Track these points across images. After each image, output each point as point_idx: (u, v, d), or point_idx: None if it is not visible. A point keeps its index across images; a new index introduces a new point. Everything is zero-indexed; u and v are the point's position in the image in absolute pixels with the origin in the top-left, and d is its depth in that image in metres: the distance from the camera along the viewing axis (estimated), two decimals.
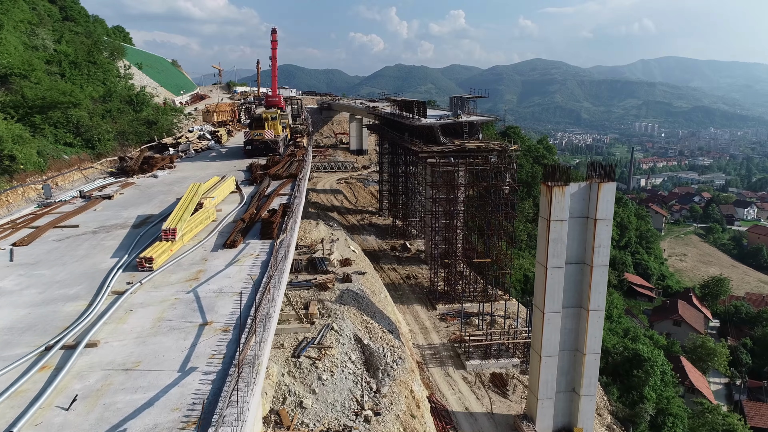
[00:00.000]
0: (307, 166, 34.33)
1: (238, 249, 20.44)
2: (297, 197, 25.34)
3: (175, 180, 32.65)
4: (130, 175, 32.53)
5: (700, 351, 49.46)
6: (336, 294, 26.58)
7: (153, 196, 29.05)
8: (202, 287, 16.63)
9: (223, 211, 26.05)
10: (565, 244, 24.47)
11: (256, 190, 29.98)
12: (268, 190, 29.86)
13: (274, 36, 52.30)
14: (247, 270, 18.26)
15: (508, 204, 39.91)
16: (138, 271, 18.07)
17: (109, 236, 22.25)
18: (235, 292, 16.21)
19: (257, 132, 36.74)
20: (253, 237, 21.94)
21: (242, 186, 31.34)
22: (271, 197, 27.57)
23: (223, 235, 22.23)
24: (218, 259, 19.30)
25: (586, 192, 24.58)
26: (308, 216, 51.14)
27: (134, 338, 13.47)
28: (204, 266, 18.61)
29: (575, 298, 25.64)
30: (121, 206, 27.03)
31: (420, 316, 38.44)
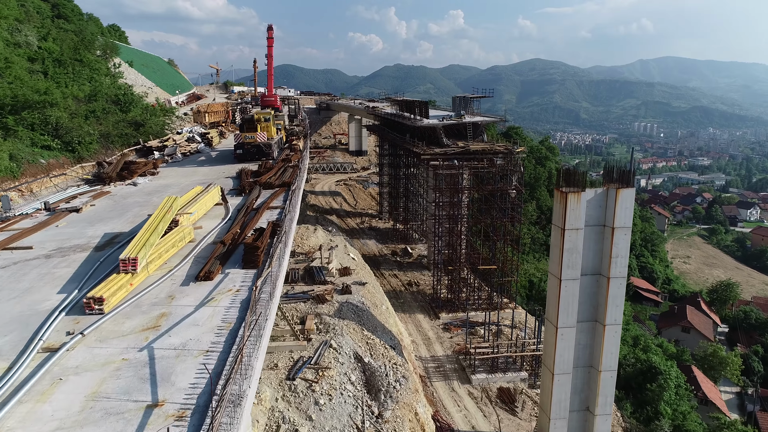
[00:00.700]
0: (302, 174, 31.13)
1: (214, 282, 16.88)
2: (289, 212, 22.27)
3: (155, 189, 29.51)
4: (106, 183, 29.41)
5: (711, 360, 47.93)
6: (335, 307, 24.92)
7: (127, 208, 25.86)
8: (160, 341, 13.04)
9: (203, 228, 22.81)
10: (580, 255, 22.82)
11: (243, 201, 26.56)
12: (257, 201, 26.56)
13: (269, 33, 50.42)
14: (222, 313, 14.67)
15: (514, 208, 38.28)
16: (86, 314, 14.40)
17: (64, 262, 18.70)
18: (201, 349, 12.57)
19: (249, 135, 33.91)
20: (235, 264, 18.38)
21: (230, 196, 28.13)
22: (260, 211, 24.46)
23: (199, 261, 18.69)
24: (188, 296, 15.77)
25: (603, 199, 22.93)
26: (306, 220, 49.42)
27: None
28: (169, 307, 15.03)
29: (590, 311, 23.99)
30: (88, 221, 23.73)
31: (423, 326, 36.78)
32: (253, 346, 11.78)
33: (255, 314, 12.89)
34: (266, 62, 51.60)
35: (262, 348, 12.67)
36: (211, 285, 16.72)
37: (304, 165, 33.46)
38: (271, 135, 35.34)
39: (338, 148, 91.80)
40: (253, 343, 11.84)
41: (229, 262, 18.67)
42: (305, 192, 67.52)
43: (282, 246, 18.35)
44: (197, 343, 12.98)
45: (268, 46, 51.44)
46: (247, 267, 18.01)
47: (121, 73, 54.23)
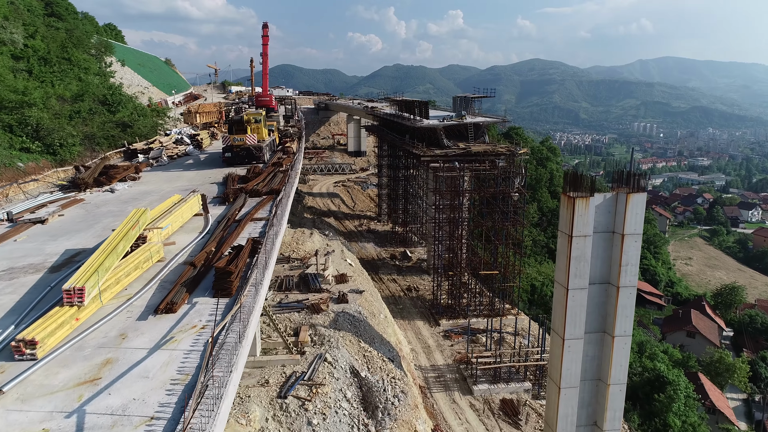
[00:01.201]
0: (292, 180, 28.58)
1: (177, 315, 14.07)
2: (273, 225, 19.65)
3: (133, 196, 27.06)
4: (82, 189, 26.81)
5: (718, 366, 46.87)
6: (330, 317, 23.76)
7: (98, 218, 22.95)
8: (97, 402, 10.19)
9: (177, 244, 20.03)
10: (588, 263, 21.68)
11: (226, 211, 23.84)
12: (241, 211, 23.93)
13: (265, 31, 49.13)
14: (180, 360, 11.74)
15: (516, 211, 37.17)
16: (15, 360, 11.55)
17: (10, 287, 15.74)
18: (145, 415, 9.79)
19: (238, 137, 31.55)
20: (205, 292, 15.49)
21: (212, 205, 25.34)
22: (242, 223, 21.75)
23: (165, 286, 15.94)
24: (143, 335, 12.98)
25: (612, 204, 21.80)
26: (303, 224, 48.25)
27: None
28: (117, 351, 12.17)
29: (599, 322, 22.86)
30: (51, 235, 20.87)
31: (422, 333, 35.64)
32: (211, 411, 9.07)
33: (217, 366, 10.36)
34: (261, 61, 50.28)
35: (221, 417, 9.68)
36: (172, 319, 13.89)
37: (295, 169, 31.26)
38: (262, 137, 33.28)
39: (337, 149, 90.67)
40: (209, 410, 9.07)
41: (198, 288, 15.88)
42: (302, 194, 66.38)
43: (261, 270, 15.75)
44: (141, 405, 10.11)
45: (263, 44, 50.20)
46: (218, 295, 15.18)
47: (113, 72, 52.87)
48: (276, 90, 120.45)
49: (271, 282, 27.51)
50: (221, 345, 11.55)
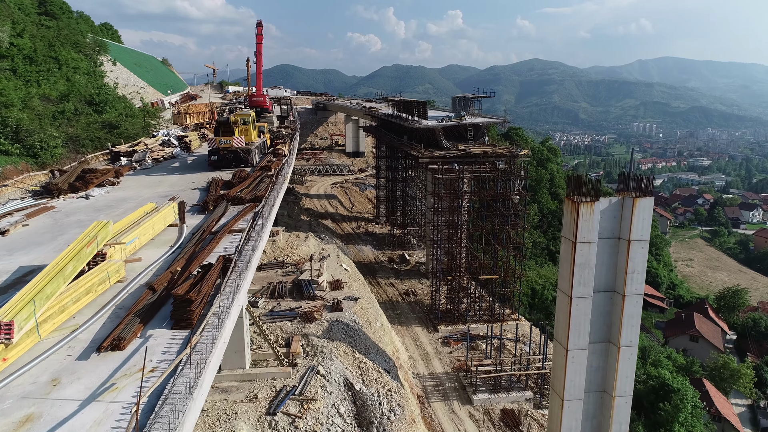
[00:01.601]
0: (279, 186, 26.49)
1: (125, 353, 11.95)
2: (251, 240, 17.66)
3: (108, 203, 25.01)
4: (55, 196, 24.86)
5: (722, 372, 45.99)
6: (324, 326, 22.80)
7: (65, 229, 20.65)
8: None
9: (143, 260, 17.99)
10: (593, 270, 20.77)
11: (204, 221, 21.70)
12: (220, 221, 21.72)
13: (259, 29, 48.12)
14: (116, 416, 9.69)
15: (517, 214, 36.28)
16: None
17: None
18: None
19: (224, 139, 29.94)
20: (163, 321, 13.43)
21: (191, 214, 23.27)
22: (218, 236, 19.52)
23: (121, 313, 13.89)
24: (79, 380, 10.88)
25: (618, 209, 20.89)
26: (299, 226, 47.28)
27: None
28: (43, 404, 10.06)
29: (603, 331, 21.95)
30: (9, 249, 18.78)
31: (420, 339, 34.70)
32: None
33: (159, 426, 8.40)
34: (255, 60, 49.20)
35: None
36: (118, 359, 11.64)
37: (284, 174, 29.20)
38: (251, 139, 31.65)
39: (335, 150, 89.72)
40: None
41: (157, 317, 13.62)
42: (299, 195, 65.37)
43: (229, 296, 13.58)
44: None
45: (257, 43, 49.19)
46: (177, 326, 12.94)
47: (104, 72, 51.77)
48: (273, 90, 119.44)
49: (263, 288, 26.57)
50: (167, 397, 9.65)
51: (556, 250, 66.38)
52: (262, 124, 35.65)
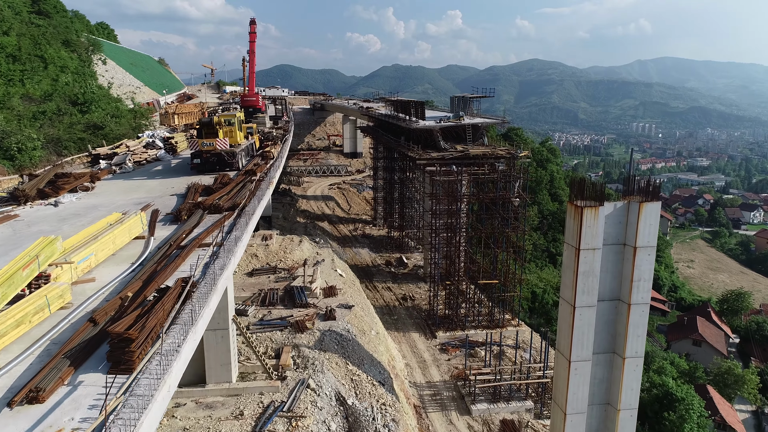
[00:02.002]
0: (263, 192, 24.43)
1: (44, 407, 9.54)
2: (220, 257, 15.59)
3: (77, 211, 22.87)
4: (21, 202, 22.92)
5: (726, 377, 45.10)
6: (316, 336, 21.83)
7: (21, 242, 17.86)
8: None
9: (99, 280, 15.61)
10: (597, 278, 19.82)
11: (174, 233, 19.23)
12: (192, 233, 19.32)
13: (252, 28, 47.07)
14: None
15: (517, 217, 35.35)
16: None
17: None
18: None
19: (207, 141, 28.21)
20: (100, 363, 10.84)
21: (162, 225, 20.95)
22: (185, 252, 16.84)
23: (54, 351, 11.34)
24: None
25: (624, 214, 19.93)
26: (294, 229, 46.31)
27: None
28: None
29: (608, 341, 20.99)
30: None
31: (418, 346, 33.73)
32: None
33: None
34: (248, 59, 48.13)
35: None
36: (33, 416, 9.24)
37: (269, 179, 27.00)
38: (237, 141, 29.73)
39: (332, 150, 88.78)
40: None
41: (95, 356, 11.12)
42: (296, 197, 64.40)
43: (182, 333, 11.12)
44: None
45: (250, 41, 48.14)
46: (114, 370, 10.37)
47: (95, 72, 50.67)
48: (270, 90, 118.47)
49: (254, 296, 25.60)
50: None
51: (557, 252, 65.49)
52: (250, 125, 34.05)
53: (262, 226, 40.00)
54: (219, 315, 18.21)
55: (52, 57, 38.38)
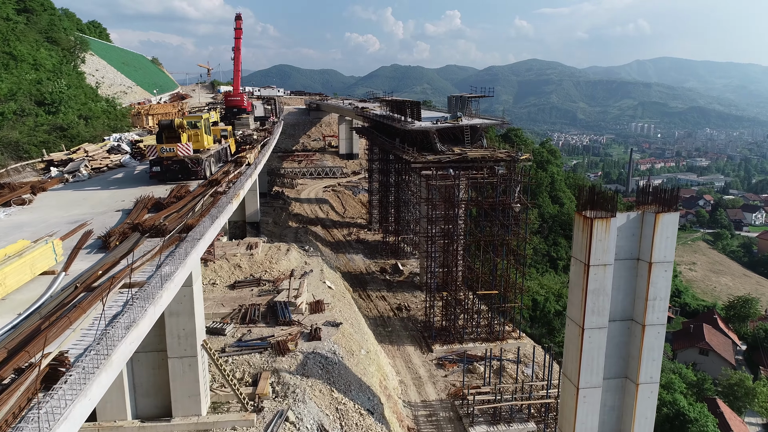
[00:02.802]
0: (222, 207, 19.76)
1: None
2: (135, 305, 11.29)
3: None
4: None
5: (736, 390, 43.30)
6: (298, 360, 19.86)
7: None
8: None
9: None
10: (609, 297, 17.92)
11: (93, 267, 14.22)
12: (116, 266, 14.18)
13: (238, 23, 44.96)
14: None
15: (518, 224, 33.45)
16: None
17: None
18: None
19: (167, 146, 24.46)
20: None
21: (87, 253, 15.72)
22: (93, 296, 11.95)
23: None
24: None
25: (637, 225, 18.05)
26: (284, 235, 44.32)
27: None
28: None
29: (619, 366, 19.11)
30: None
31: (413, 361, 31.78)
32: None
33: None
34: (233, 56, 46.13)
35: None
36: None
37: (235, 190, 22.21)
38: (203, 145, 26.18)
39: (328, 151, 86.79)
40: None
41: None
42: (289, 200, 62.31)
43: None
44: None
45: (235, 38, 46.10)
46: None
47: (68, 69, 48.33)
48: (265, 90, 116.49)
49: (233, 312, 23.63)
50: None
51: (558, 256, 63.62)
52: (225, 128, 31.36)
53: (249, 233, 38.03)
54: (186, 341, 16.28)
55: (22, 54, 36.23)
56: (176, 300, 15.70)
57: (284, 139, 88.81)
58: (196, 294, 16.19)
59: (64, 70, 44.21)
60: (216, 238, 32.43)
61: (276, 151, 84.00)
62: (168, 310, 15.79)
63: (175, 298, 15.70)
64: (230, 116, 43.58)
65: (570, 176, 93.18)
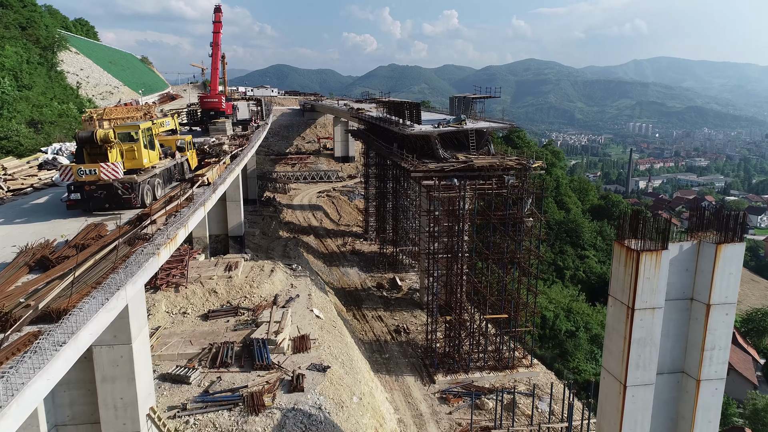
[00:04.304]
0: (123, 278, 11.89)
1: None
2: None
3: None
4: None
5: (764, 415, 40.14)
6: (275, 420, 16.36)
7: None
8: None
9: None
10: (657, 347, 14.51)
11: None
12: None
13: (217, 16, 41.11)
14: None
15: (530, 239, 30.09)
16: None
17: None
18: None
19: (87, 168, 17.79)
20: None
21: None
22: None
23: None
24: None
25: (692, 258, 14.65)
26: (272, 248, 40.73)
27: None
28: None
29: (666, 428, 15.70)
30: None
31: (413, 394, 28.29)
32: None
33: None
34: (210, 52, 42.26)
35: None
36: None
37: (169, 234, 15.39)
38: (141, 163, 19.62)
39: (323, 154, 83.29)
40: None
41: None
42: (280, 207, 58.72)
43: None
44: None
45: (214, 32, 42.25)
46: None
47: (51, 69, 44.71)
48: (259, 90, 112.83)
49: (203, 352, 20.10)
50: None
51: (564, 266, 60.29)
52: (183, 137, 26.29)
53: (232, 247, 34.43)
54: (125, 412, 12.74)
55: None
56: (111, 362, 12.20)
57: (277, 141, 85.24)
58: (138, 353, 12.66)
59: (35, 69, 40.32)
60: (191, 256, 28.81)
61: (268, 154, 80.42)
62: (101, 374, 12.28)
63: (110, 360, 12.23)
64: (208, 120, 39.36)
65: (575, 179, 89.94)
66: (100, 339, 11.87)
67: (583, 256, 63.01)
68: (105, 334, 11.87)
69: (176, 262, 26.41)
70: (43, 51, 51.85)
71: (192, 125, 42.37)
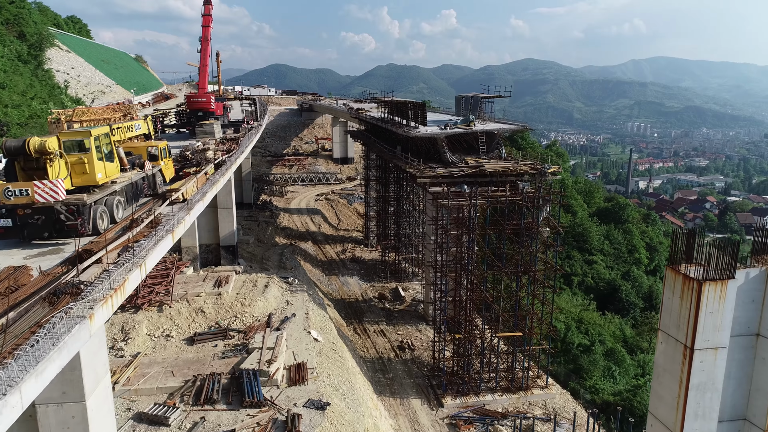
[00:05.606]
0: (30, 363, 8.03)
1: None
2: None
3: None
4: None
5: None
6: None
7: None
8: None
9: None
10: (719, 393, 12.29)
11: None
12: None
13: (207, 8, 38.49)
14: None
15: (546, 251, 27.88)
16: None
17: None
18: None
19: (16, 189, 14.22)
20: None
21: None
22: None
23: None
24: None
25: (759, 287, 12.43)
26: (267, 257, 38.35)
27: None
28: None
29: None
30: None
31: (420, 420, 26.01)
32: None
33: None
34: (199, 48, 39.68)
35: None
36: None
37: (118, 277, 11.53)
38: (94, 179, 16.06)
39: (321, 155, 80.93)
40: None
41: None
42: (277, 211, 56.30)
43: None
44: None
45: (203, 25, 39.64)
46: None
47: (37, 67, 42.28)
48: (256, 89, 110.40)
49: (185, 384, 17.75)
50: None
51: (572, 272, 58.03)
52: (155, 145, 23.06)
53: (224, 258, 32.05)
54: None
55: None
56: (59, 424, 9.87)
57: (274, 142, 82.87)
58: (95, 412, 10.25)
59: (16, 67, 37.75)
60: (179, 270, 26.46)
61: (265, 155, 78.04)
62: None
63: (59, 422, 9.89)
64: (196, 121, 36.49)
65: (579, 180, 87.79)
66: (45, 396, 9.57)
67: (591, 262, 60.82)
68: (51, 391, 9.55)
69: (161, 277, 24.04)
70: (30, 48, 49.40)
71: (179, 127, 39.74)
